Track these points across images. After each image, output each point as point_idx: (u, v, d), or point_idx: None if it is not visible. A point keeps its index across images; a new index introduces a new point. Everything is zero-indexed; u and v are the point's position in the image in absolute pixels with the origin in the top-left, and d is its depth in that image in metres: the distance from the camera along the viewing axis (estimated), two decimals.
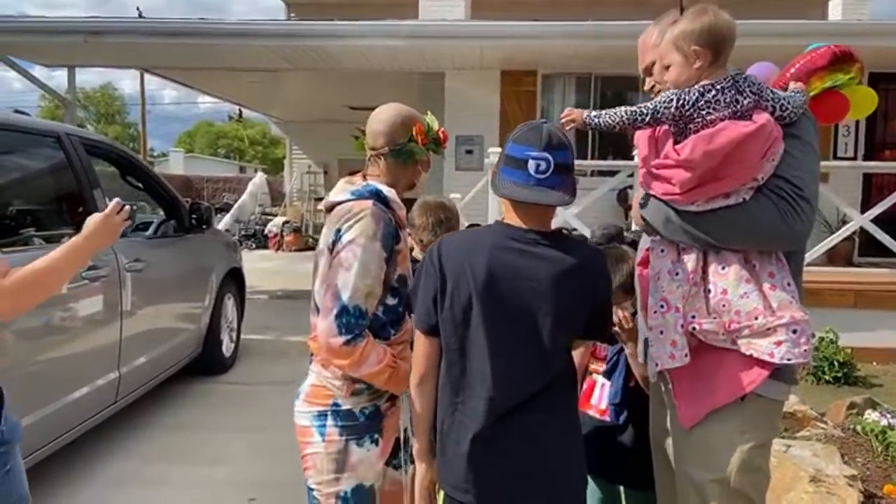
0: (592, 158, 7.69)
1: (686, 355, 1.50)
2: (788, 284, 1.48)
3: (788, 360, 1.43)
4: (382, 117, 1.68)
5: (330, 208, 1.66)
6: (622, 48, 6.55)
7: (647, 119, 1.49)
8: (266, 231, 14.08)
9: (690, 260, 1.52)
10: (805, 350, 1.45)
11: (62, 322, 2.80)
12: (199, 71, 8.60)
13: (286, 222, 13.81)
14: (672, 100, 1.46)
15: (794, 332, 1.44)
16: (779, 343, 1.44)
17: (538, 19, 6.72)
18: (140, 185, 3.98)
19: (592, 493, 2.10)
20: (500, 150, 4.81)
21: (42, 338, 2.69)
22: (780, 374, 1.50)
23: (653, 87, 1.64)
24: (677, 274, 1.53)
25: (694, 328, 1.50)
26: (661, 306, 1.52)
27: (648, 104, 1.49)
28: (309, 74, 8.69)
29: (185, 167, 30.90)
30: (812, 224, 1.46)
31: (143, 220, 4.33)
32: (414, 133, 1.66)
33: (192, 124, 48.76)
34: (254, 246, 13.96)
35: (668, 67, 1.52)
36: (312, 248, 11.72)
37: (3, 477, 1.37)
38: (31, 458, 2.63)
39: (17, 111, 3.07)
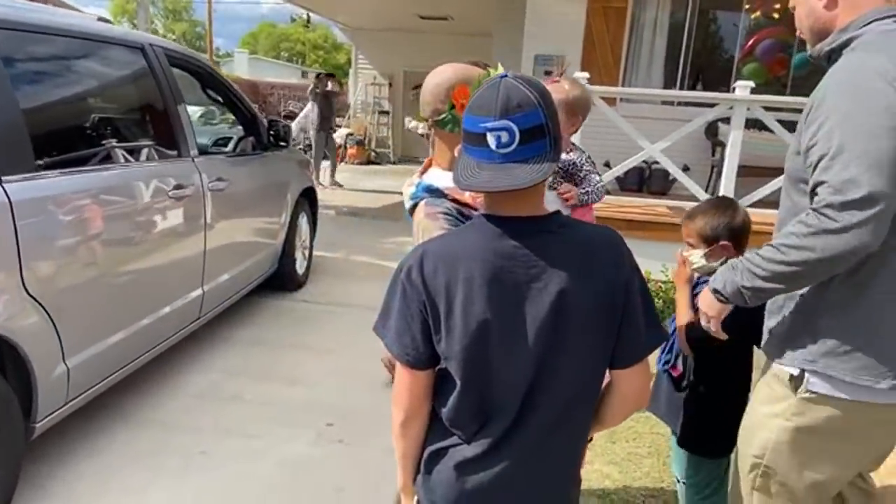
0: (682, 88, 7.14)
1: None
2: None
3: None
4: (428, 83, 1.46)
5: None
6: None
7: None
8: None
9: None
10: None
11: (150, 245, 2.82)
12: None
13: (349, 134, 13.70)
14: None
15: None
16: None
17: None
18: (220, 99, 3.89)
19: (677, 454, 2.10)
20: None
21: (134, 259, 2.72)
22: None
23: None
24: None
25: None
26: None
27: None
28: None
29: (250, 68, 30.91)
30: None
31: (222, 136, 4.28)
32: (453, 99, 1.41)
33: (256, 25, 48.30)
34: None
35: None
36: (375, 163, 11.74)
37: None
38: (124, 371, 2.72)
39: (101, 19, 2.96)
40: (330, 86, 10.28)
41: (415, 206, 1.46)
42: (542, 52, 7.17)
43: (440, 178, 1.46)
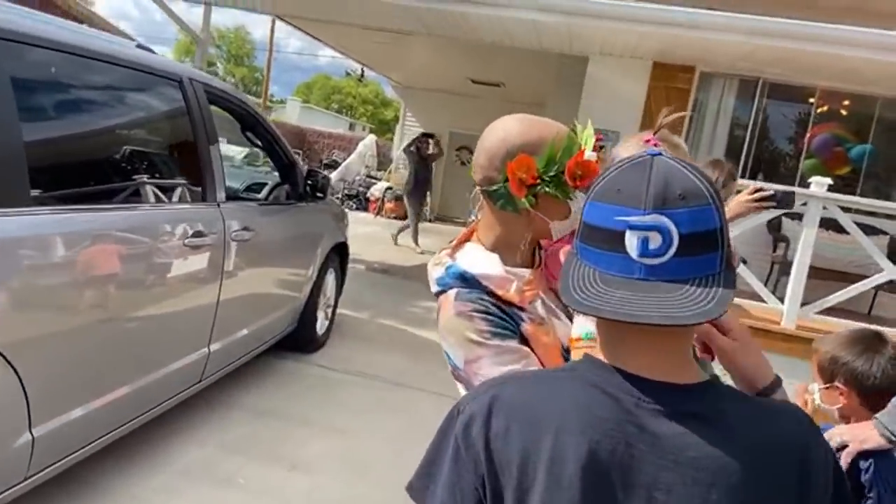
0: (742, 178, 6.77)
1: None
2: None
3: None
4: (485, 140, 1.11)
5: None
6: (805, 54, 5.66)
7: None
8: (368, 194, 13.97)
9: None
10: None
11: (153, 298, 2.48)
12: (330, 24, 8.32)
13: (389, 188, 13.62)
14: None
15: None
16: None
17: (713, 8, 5.86)
18: (259, 142, 3.65)
19: None
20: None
21: (132, 314, 2.38)
22: None
23: None
24: None
25: None
26: None
27: None
28: (437, 41, 8.22)
29: (300, 116, 31.77)
30: None
31: (256, 181, 4.04)
32: (508, 171, 1.06)
33: (311, 76, 50.16)
34: (354, 207, 13.89)
35: None
36: None
37: None
38: (102, 441, 2.35)
39: (140, 46, 2.75)
40: (431, 148, 9.78)
41: (441, 291, 1.12)
42: (598, 127, 6.88)
43: (477, 261, 1.11)
